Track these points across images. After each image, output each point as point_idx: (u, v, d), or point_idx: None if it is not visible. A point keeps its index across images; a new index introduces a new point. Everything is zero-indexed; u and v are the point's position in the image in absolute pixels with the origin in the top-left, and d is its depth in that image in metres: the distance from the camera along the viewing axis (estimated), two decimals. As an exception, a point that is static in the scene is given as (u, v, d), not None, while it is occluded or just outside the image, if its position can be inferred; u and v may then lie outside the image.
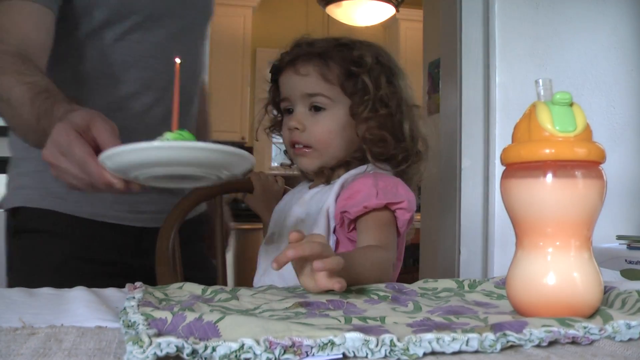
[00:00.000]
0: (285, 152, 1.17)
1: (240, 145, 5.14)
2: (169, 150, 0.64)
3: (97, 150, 0.70)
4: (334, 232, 1.02)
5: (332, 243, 1.02)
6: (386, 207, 0.99)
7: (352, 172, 1.07)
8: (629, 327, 0.48)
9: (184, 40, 1.22)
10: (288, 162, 1.20)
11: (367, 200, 0.98)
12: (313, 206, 1.07)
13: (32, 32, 0.97)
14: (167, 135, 0.67)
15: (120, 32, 1.11)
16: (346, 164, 1.09)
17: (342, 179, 1.06)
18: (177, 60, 0.78)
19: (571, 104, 0.56)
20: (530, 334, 0.45)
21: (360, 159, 1.08)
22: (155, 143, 0.64)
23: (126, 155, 0.65)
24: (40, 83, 0.85)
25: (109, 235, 1.15)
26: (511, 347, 0.45)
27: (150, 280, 1.07)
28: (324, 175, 1.10)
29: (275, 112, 1.19)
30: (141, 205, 1.19)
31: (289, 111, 1.10)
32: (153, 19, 1.14)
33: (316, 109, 1.07)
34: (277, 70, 1.13)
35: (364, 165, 1.07)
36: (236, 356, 0.40)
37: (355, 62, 1.07)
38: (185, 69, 1.21)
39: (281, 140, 1.19)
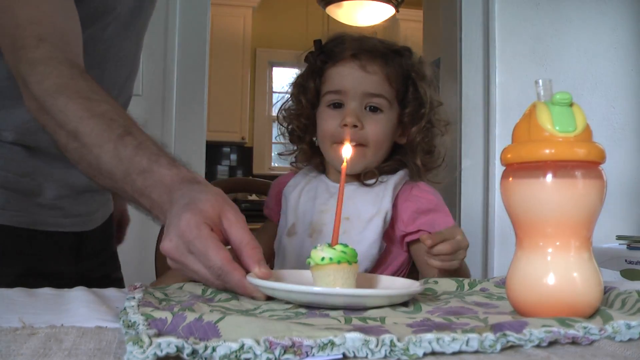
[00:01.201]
0: (294, 141, 1.12)
1: (240, 145, 5.15)
2: (334, 298, 0.60)
3: (225, 241, 0.64)
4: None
5: (378, 248, 1.01)
6: None
7: (397, 178, 1.06)
8: (629, 327, 0.48)
9: (140, 35, 1.08)
10: (287, 157, 1.16)
11: (447, 222, 1.02)
12: (359, 205, 1.04)
13: (66, 23, 0.81)
14: (327, 250, 0.65)
15: (98, 29, 0.95)
16: (379, 169, 1.07)
17: (393, 183, 1.05)
18: (345, 156, 0.72)
19: (571, 104, 0.56)
20: (530, 334, 0.45)
21: (391, 167, 1.07)
22: (319, 289, 0.61)
23: (285, 295, 0.62)
24: (114, 116, 0.73)
25: (51, 245, 1.02)
26: (511, 347, 0.45)
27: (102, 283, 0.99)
28: (359, 175, 1.07)
29: (294, 101, 1.12)
30: (76, 207, 1.05)
31: (335, 105, 1.05)
32: (134, 11, 1.01)
33: (372, 109, 1.03)
34: (328, 59, 1.06)
35: (402, 171, 1.07)
36: (236, 356, 0.40)
37: (415, 70, 1.06)
38: (135, 68, 1.10)
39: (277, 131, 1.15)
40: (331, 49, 1.07)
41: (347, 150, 0.78)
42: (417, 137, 1.05)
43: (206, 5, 1.97)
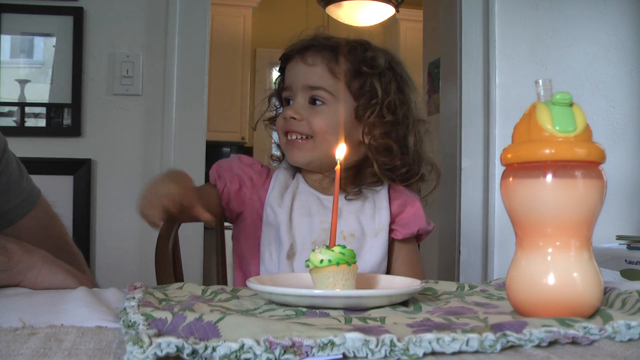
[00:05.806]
0: (278, 145, 1.15)
1: (240, 145, 5.15)
2: (334, 300, 0.61)
3: None
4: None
5: (385, 263, 1.04)
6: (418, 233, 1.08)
7: (383, 187, 1.09)
8: (629, 327, 0.48)
9: None
10: (278, 154, 1.18)
11: (420, 222, 1.07)
12: (362, 220, 1.05)
13: None
14: (325, 252, 0.66)
15: None
16: (359, 175, 1.07)
17: (385, 193, 1.07)
18: (339, 157, 0.74)
19: (571, 104, 0.56)
20: (530, 334, 0.45)
21: (372, 173, 1.06)
22: (319, 292, 0.62)
23: (284, 299, 0.62)
24: None
25: None
26: (511, 347, 0.45)
27: None
28: (327, 178, 1.07)
29: (277, 104, 1.17)
30: None
31: (288, 101, 1.08)
32: None
33: (315, 102, 1.05)
34: (286, 58, 1.11)
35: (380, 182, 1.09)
36: (236, 356, 0.40)
37: (367, 63, 1.05)
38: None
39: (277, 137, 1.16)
40: (289, 48, 1.10)
41: (340, 150, 0.78)
42: (374, 131, 1.04)
43: (206, 5, 1.97)
